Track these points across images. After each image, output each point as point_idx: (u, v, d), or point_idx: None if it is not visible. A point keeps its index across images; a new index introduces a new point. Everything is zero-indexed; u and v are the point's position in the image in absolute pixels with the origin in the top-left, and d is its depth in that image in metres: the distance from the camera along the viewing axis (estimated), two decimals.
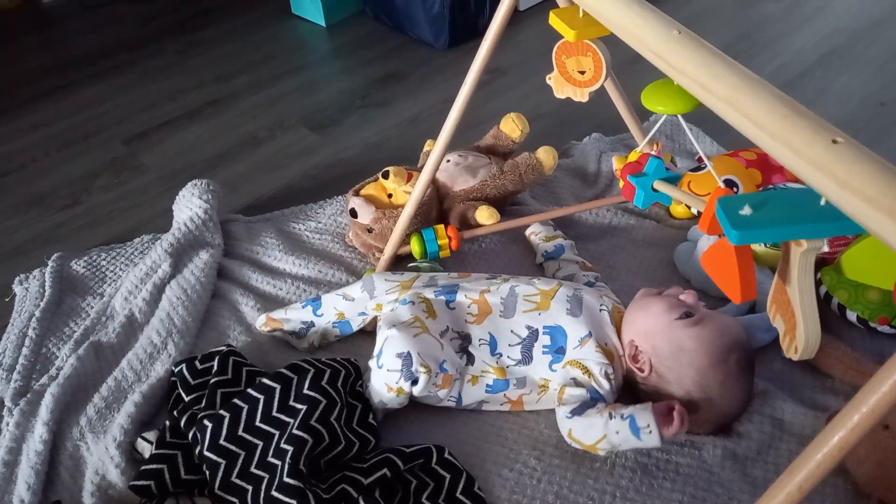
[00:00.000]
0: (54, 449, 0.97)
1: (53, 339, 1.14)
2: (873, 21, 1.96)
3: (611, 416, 0.90)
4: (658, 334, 0.95)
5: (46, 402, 1.00)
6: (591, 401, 0.94)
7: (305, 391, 0.94)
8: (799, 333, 0.68)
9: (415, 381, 0.94)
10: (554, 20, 0.96)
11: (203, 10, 2.21)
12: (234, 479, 0.89)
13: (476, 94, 1.02)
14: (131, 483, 0.90)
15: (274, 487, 0.86)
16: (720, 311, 1.07)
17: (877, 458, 0.87)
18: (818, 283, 1.11)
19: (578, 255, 1.21)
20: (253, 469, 0.90)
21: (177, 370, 1.03)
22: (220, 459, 0.90)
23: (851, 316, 1.07)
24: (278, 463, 0.88)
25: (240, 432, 0.92)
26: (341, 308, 1.09)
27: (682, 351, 0.94)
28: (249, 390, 0.95)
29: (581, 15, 0.92)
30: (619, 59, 1.00)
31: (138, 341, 1.12)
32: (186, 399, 0.99)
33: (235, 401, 0.94)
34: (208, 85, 1.85)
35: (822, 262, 1.14)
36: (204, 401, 0.97)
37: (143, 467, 0.91)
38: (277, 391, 0.95)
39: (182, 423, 0.94)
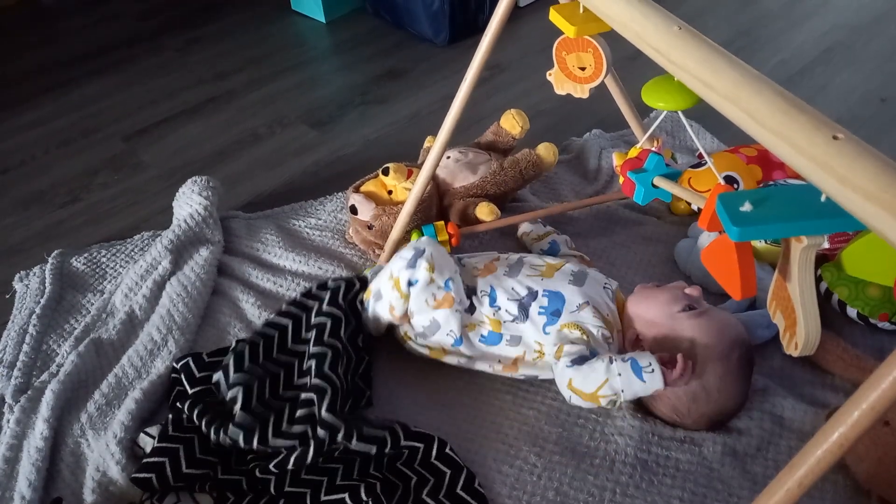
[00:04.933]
0: (55, 446, 0.97)
1: (54, 336, 1.15)
2: (874, 17, 1.96)
3: (611, 360, 0.91)
4: (660, 324, 0.96)
5: (47, 399, 1.01)
6: (591, 355, 0.94)
7: (313, 320, 1.01)
8: (799, 330, 0.68)
9: (412, 283, 0.96)
10: (554, 16, 0.96)
11: (202, 7, 2.20)
12: (284, 428, 0.92)
13: (476, 90, 1.02)
14: (133, 475, 0.90)
15: (325, 408, 0.90)
16: (721, 307, 1.07)
17: (877, 454, 0.87)
18: (818, 280, 1.11)
19: (575, 250, 1.21)
20: (285, 427, 0.92)
21: (180, 365, 1.04)
22: (267, 412, 0.93)
23: (852, 312, 1.07)
24: (313, 396, 0.92)
25: (267, 397, 0.95)
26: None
27: (683, 342, 0.94)
28: (275, 318, 1.04)
29: (581, 11, 0.92)
30: (619, 55, 0.99)
31: (139, 338, 1.12)
32: (191, 392, 1.00)
33: (264, 329, 1.02)
34: (208, 82, 1.84)
35: (822, 259, 1.14)
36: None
37: (144, 460, 0.91)
38: (290, 328, 1.03)
39: (195, 414, 0.94)
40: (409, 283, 0.96)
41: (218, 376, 0.97)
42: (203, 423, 0.93)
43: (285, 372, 0.99)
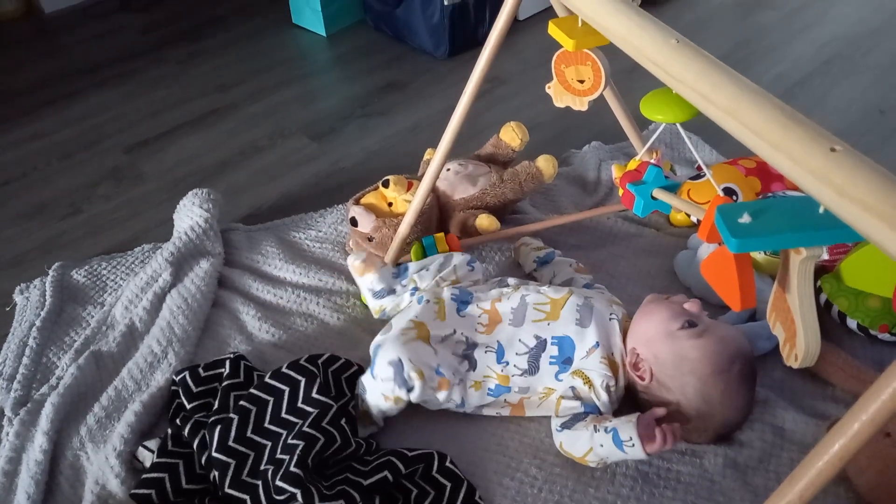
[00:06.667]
0: (54, 459, 0.97)
1: (54, 349, 1.14)
2: (872, 29, 1.97)
3: (595, 429, 0.90)
4: (660, 343, 0.95)
5: (46, 412, 1.00)
6: (583, 413, 0.94)
7: (314, 395, 0.95)
8: (799, 341, 0.68)
9: (410, 389, 0.94)
10: (553, 30, 0.96)
11: (204, 20, 2.21)
12: (244, 477, 0.90)
13: (476, 103, 1.02)
14: (132, 491, 0.90)
15: (279, 477, 0.87)
16: (720, 319, 1.07)
17: (878, 466, 0.87)
18: (818, 291, 1.11)
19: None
20: (263, 466, 0.90)
21: (178, 378, 1.04)
22: (229, 460, 0.90)
23: (852, 324, 1.07)
24: (286, 458, 0.89)
25: (248, 433, 0.93)
26: (416, 276, 1.10)
27: (684, 360, 0.93)
28: (257, 392, 0.96)
29: (580, 24, 0.93)
30: (617, 67, 1.00)
31: (138, 350, 1.12)
32: (189, 406, 1.00)
33: (243, 403, 0.95)
34: (209, 94, 1.85)
35: (822, 270, 1.14)
36: (217, 403, 0.98)
37: (144, 475, 0.91)
38: (286, 394, 0.96)
39: (186, 431, 0.94)
40: (408, 391, 0.94)
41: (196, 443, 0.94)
42: (196, 443, 0.93)
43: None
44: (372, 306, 1.12)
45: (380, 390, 0.95)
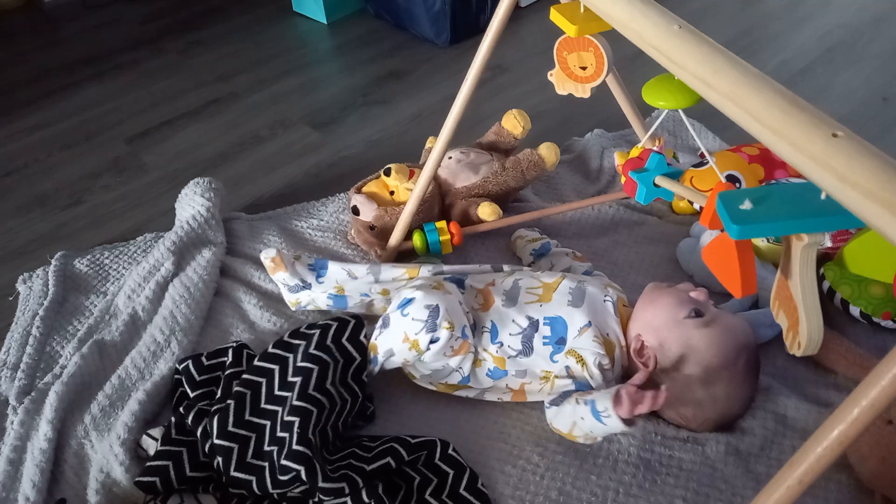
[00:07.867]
0: (59, 447, 0.98)
1: (57, 338, 1.15)
2: (875, 17, 1.96)
3: (577, 402, 0.90)
4: (666, 330, 0.95)
5: (51, 401, 1.01)
6: (573, 390, 0.94)
7: (298, 363, 0.95)
8: (802, 329, 0.68)
9: (434, 340, 0.93)
10: (555, 16, 0.96)
11: (204, 10, 2.21)
12: (248, 459, 0.90)
13: (477, 91, 1.02)
14: (136, 479, 0.90)
15: (283, 456, 0.88)
16: (723, 307, 1.07)
17: (880, 453, 0.87)
18: (821, 279, 1.11)
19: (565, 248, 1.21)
20: (266, 447, 0.91)
21: (181, 367, 1.04)
22: (231, 444, 0.91)
23: (855, 311, 1.07)
24: (286, 435, 0.90)
25: (247, 417, 0.93)
26: (341, 282, 1.10)
27: (690, 349, 0.93)
28: (249, 376, 0.97)
29: (582, 10, 0.93)
30: (620, 54, 1.00)
31: (142, 339, 1.12)
32: (192, 395, 1.00)
33: (238, 388, 0.96)
34: (210, 84, 1.85)
35: (825, 258, 1.14)
36: (219, 391, 0.98)
37: (148, 464, 0.91)
38: (276, 372, 0.96)
39: (189, 420, 0.95)
40: (431, 342, 0.93)
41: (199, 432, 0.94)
42: (199, 432, 0.93)
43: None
44: (287, 299, 1.14)
45: (404, 328, 0.94)
